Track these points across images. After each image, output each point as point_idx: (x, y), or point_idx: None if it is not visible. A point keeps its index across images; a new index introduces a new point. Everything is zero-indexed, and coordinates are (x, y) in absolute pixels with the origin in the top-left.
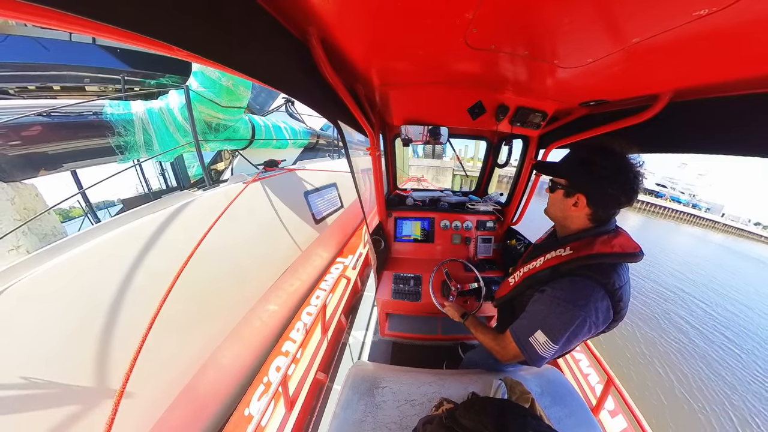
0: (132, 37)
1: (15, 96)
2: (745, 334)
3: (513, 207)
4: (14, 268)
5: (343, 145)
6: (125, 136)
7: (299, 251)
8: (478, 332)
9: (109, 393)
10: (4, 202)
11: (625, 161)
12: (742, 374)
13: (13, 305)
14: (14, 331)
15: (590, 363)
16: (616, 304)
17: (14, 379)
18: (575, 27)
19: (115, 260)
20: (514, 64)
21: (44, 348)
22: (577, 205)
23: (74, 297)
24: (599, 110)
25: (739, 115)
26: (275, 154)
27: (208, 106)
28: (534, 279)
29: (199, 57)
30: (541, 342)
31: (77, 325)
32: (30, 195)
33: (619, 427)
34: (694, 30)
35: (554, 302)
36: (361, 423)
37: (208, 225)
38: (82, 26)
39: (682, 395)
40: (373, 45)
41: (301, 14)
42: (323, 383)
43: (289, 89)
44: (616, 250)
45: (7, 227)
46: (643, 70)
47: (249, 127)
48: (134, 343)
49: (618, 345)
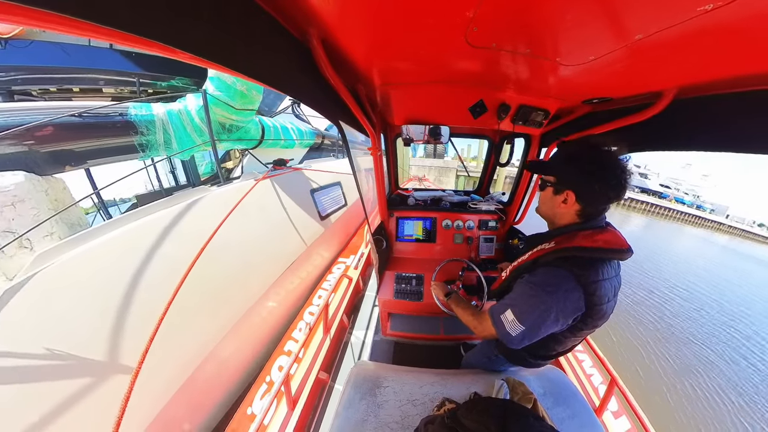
0: (133, 39)
1: (38, 98)
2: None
3: (515, 206)
4: (49, 252)
5: (344, 146)
6: (147, 135)
7: (306, 245)
8: (459, 309)
9: (124, 369)
10: (41, 194)
11: (611, 157)
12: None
13: (48, 284)
14: (48, 307)
15: (593, 363)
16: (590, 297)
17: (39, 350)
18: (577, 24)
19: (137, 248)
20: (515, 63)
21: (71, 324)
22: (566, 201)
23: (99, 280)
24: (602, 108)
25: (744, 111)
26: (283, 154)
27: (223, 108)
28: (519, 270)
29: (201, 59)
30: (509, 319)
31: (100, 305)
32: (59, 188)
33: (622, 429)
34: (698, 25)
35: (527, 286)
36: (363, 422)
37: (221, 218)
38: (83, 29)
39: (688, 396)
40: (374, 45)
41: (301, 15)
42: (325, 383)
43: (290, 90)
44: (599, 245)
45: (43, 216)
46: (646, 67)
47: (259, 128)
48: (150, 324)
49: (621, 344)
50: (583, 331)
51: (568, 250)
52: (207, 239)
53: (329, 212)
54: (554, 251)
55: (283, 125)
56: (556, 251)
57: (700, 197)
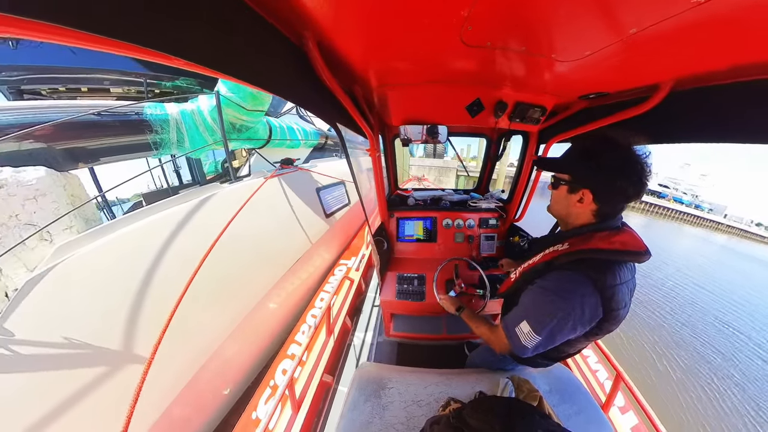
0: (129, 48)
1: (47, 97)
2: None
3: (515, 203)
4: (69, 244)
5: (342, 148)
6: (161, 134)
7: (312, 243)
8: (473, 324)
9: (137, 359)
10: (60, 188)
11: (631, 152)
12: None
13: (67, 276)
14: (67, 298)
15: (599, 359)
16: (607, 302)
17: (57, 339)
18: (571, 20)
19: (153, 242)
20: (511, 60)
21: (87, 314)
22: (582, 201)
23: (116, 272)
24: (599, 103)
25: (741, 102)
26: (288, 153)
27: (234, 109)
28: (531, 273)
29: (196, 65)
30: (525, 332)
31: (117, 296)
32: (75, 184)
33: (629, 424)
34: (693, 17)
35: (541, 293)
36: (368, 424)
37: (232, 213)
38: (82, 40)
39: (695, 390)
40: (370, 46)
41: (296, 19)
42: (329, 385)
43: (286, 93)
44: (616, 247)
45: (62, 209)
46: (642, 61)
47: (267, 129)
48: (163, 315)
49: (627, 340)
50: (597, 335)
51: (584, 252)
52: (219, 233)
53: (334, 210)
54: (568, 253)
55: (289, 126)
56: (570, 253)
57: (698, 197)
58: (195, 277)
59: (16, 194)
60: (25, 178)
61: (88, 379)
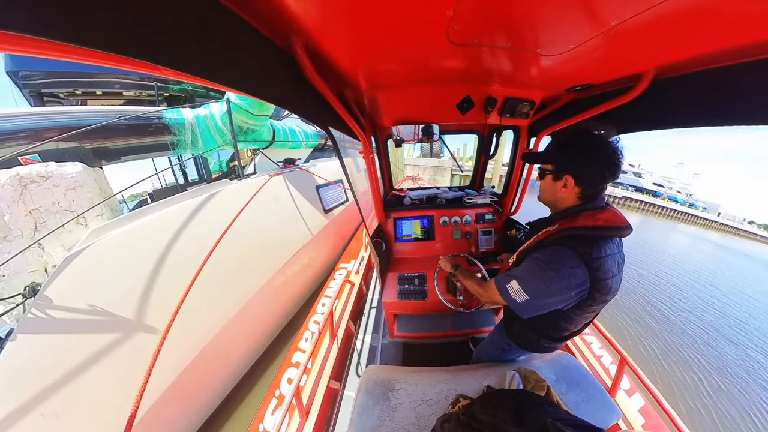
0: (115, 59)
1: (65, 100)
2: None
3: (510, 197)
4: (102, 228)
5: (336, 151)
6: (178, 136)
7: (313, 234)
8: (465, 279)
9: (150, 329)
10: (92, 181)
11: (601, 139)
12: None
13: (98, 254)
14: (97, 272)
15: (602, 344)
16: (594, 272)
17: (86, 306)
18: (555, 15)
19: (170, 229)
20: (498, 57)
21: (113, 288)
22: (566, 186)
23: (140, 252)
24: (586, 94)
25: (720, 86)
26: (290, 154)
27: (242, 114)
28: (525, 252)
29: (184, 74)
30: (514, 289)
31: (138, 272)
32: (103, 178)
33: (637, 406)
34: (670, 7)
35: (533, 262)
36: (378, 428)
37: (240, 207)
38: (74, 54)
39: (699, 368)
40: (358, 49)
41: (283, 23)
42: (337, 391)
43: (277, 99)
44: (600, 224)
45: (96, 199)
46: (625, 51)
47: (270, 131)
48: (177, 292)
49: (628, 322)
50: (592, 306)
51: (571, 230)
52: (228, 224)
53: (332, 206)
54: (557, 232)
55: (291, 128)
56: (559, 232)
57: (692, 195)
58: (207, 260)
59: (60, 185)
60: (67, 171)
61: (108, 341)
